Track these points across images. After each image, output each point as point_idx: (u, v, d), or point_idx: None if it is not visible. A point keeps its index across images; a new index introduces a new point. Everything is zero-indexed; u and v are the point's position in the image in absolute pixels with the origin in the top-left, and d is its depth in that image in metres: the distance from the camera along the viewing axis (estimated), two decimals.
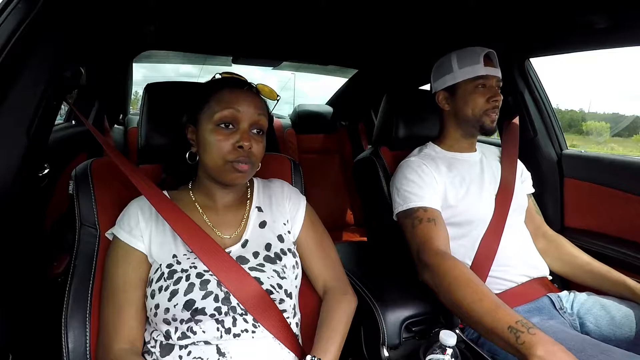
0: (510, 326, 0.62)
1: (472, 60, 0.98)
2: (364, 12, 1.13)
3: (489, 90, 0.98)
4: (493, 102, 0.97)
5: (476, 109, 0.99)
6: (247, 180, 0.81)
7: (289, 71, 3.06)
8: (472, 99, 0.99)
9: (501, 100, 0.99)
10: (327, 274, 0.80)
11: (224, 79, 0.74)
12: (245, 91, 0.71)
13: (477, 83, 0.98)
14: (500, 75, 1.00)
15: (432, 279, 0.78)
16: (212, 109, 0.68)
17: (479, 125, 1.00)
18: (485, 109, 0.98)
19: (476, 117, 0.99)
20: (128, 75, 2.08)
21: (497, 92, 0.98)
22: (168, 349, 0.63)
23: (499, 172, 1.05)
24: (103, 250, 0.73)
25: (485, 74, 0.97)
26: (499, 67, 1.00)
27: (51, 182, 1.23)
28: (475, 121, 1.00)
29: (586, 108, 6.84)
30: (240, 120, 0.68)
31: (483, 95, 0.98)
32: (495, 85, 0.99)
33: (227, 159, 0.67)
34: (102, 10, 1.07)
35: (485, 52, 0.98)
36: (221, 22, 1.26)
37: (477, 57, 0.98)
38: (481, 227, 0.95)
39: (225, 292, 0.63)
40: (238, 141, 0.66)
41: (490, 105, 0.98)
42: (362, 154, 1.25)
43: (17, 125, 0.74)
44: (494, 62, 1.00)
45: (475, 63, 0.98)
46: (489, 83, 0.98)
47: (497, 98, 0.97)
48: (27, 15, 0.72)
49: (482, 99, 0.98)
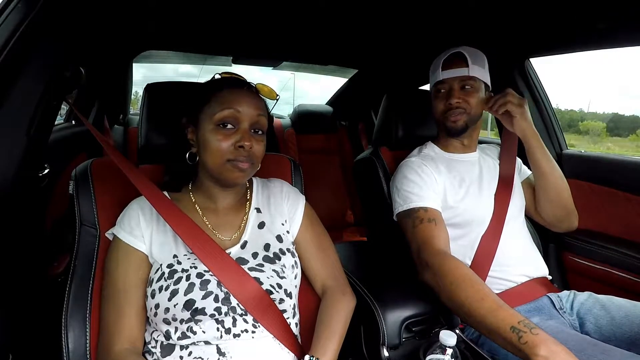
0: (513, 326, 0.62)
1: (435, 66, 1.03)
2: (364, 12, 1.13)
3: (447, 93, 1.00)
4: (448, 104, 0.99)
5: (437, 113, 1.03)
6: (247, 181, 0.81)
7: (289, 71, 3.06)
8: (434, 104, 1.04)
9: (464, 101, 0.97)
10: (326, 273, 0.80)
11: (223, 79, 0.74)
12: (245, 91, 0.71)
13: (436, 89, 1.03)
14: (470, 72, 0.97)
15: (433, 279, 0.78)
16: (212, 109, 0.68)
17: (444, 128, 1.03)
18: (443, 112, 1.01)
19: (440, 121, 1.03)
20: (128, 75, 2.08)
21: (454, 94, 0.98)
22: (169, 349, 0.63)
23: (497, 172, 1.05)
24: (103, 250, 0.73)
25: (442, 79, 1.00)
26: (468, 65, 0.97)
27: (51, 182, 1.23)
28: (441, 124, 1.04)
29: (586, 108, 6.85)
30: (240, 120, 0.68)
31: (441, 99, 1.01)
32: (457, 87, 0.98)
33: (227, 158, 0.67)
34: (102, 10, 1.07)
35: (447, 54, 1.00)
36: (221, 22, 1.26)
37: (438, 62, 1.02)
38: (480, 227, 0.95)
39: (225, 293, 0.63)
40: (238, 141, 0.66)
41: (446, 108, 0.99)
42: (362, 154, 1.25)
43: (17, 125, 0.74)
44: (459, 62, 0.98)
45: (435, 69, 1.03)
46: (447, 87, 1.00)
47: (451, 100, 0.98)
48: (26, 16, 0.72)
49: (441, 104, 1.01)
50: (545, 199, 1.03)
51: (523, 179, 1.11)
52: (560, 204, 1.02)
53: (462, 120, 0.99)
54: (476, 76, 0.98)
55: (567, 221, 1.05)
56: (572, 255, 1.27)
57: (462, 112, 0.99)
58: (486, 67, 1.02)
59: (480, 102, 1.00)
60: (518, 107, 0.97)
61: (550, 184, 1.01)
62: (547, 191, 1.02)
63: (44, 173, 1.16)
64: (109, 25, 1.28)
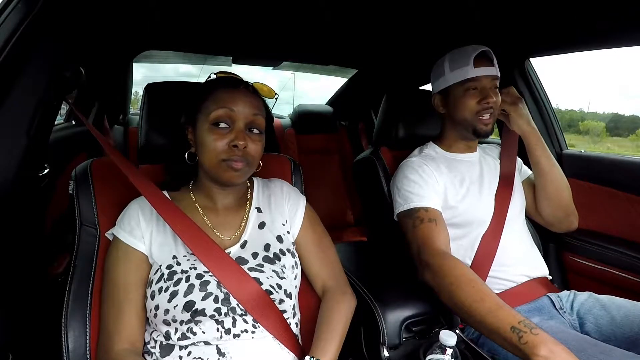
0: (513, 326, 0.62)
1: (462, 62, 0.95)
2: (363, 12, 1.13)
3: (481, 92, 0.95)
4: (484, 104, 0.94)
5: (467, 112, 0.96)
6: (247, 181, 0.81)
7: (289, 71, 3.05)
8: (463, 102, 0.96)
9: (496, 101, 0.96)
10: (326, 273, 0.80)
11: (219, 79, 0.74)
12: (241, 90, 0.71)
13: (467, 86, 0.95)
14: (497, 72, 0.97)
15: (433, 278, 0.78)
16: (208, 108, 0.68)
17: (472, 129, 0.98)
18: (476, 111, 0.95)
19: (468, 121, 0.97)
20: (128, 75, 2.08)
21: (489, 93, 0.94)
22: (168, 349, 0.63)
23: (497, 172, 1.05)
24: (103, 250, 0.73)
25: (475, 76, 0.94)
26: (494, 65, 0.96)
27: (51, 182, 1.23)
28: (468, 125, 0.98)
29: (586, 108, 6.86)
30: (235, 120, 0.68)
31: (474, 98, 0.95)
32: (489, 86, 0.95)
33: (221, 157, 0.67)
34: (102, 10, 1.07)
35: (477, 51, 0.94)
36: (221, 22, 1.26)
37: (467, 59, 0.94)
38: (481, 227, 0.95)
39: (225, 293, 0.63)
40: (232, 140, 0.66)
41: (482, 107, 0.94)
42: (362, 154, 1.25)
43: (17, 125, 0.74)
44: (490, 59, 0.96)
45: (464, 65, 0.94)
46: (480, 85, 0.95)
47: (488, 100, 0.93)
48: (27, 16, 0.72)
49: (473, 102, 0.95)
50: (544, 198, 1.03)
51: (523, 179, 1.10)
52: (561, 203, 1.01)
53: (492, 123, 0.98)
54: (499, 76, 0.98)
55: (566, 221, 1.05)
56: (572, 255, 1.27)
57: (492, 113, 0.96)
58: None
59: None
60: (512, 105, 0.98)
61: (549, 182, 1.00)
62: (546, 190, 1.01)
63: (44, 173, 1.16)
64: (109, 25, 1.28)
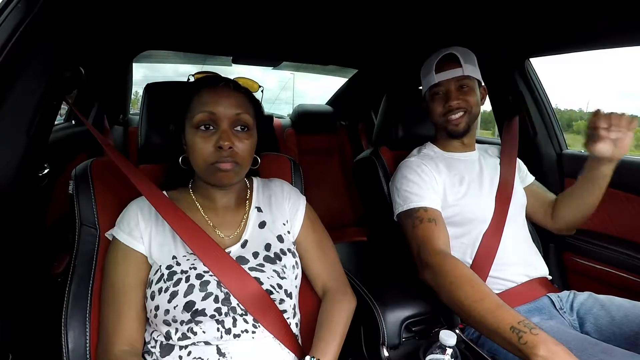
0: (513, 326, 0.62)
1: (427, 69, 1.02)
2: (364, 12, 1.13)
3: (444, 95, 0.99)
4: (448, 107, 0.98)
5: (435, 116, 1.02)
6: (247, 180, 0.81)
7: (289, 71, 3.06)
8: (432, 107, 1.03)
9: (463, 100, 0.97)
10: (327, 274, 0.80)
11: (197, 81, 0.74)
12: (222, 89, 0.69)
13: (432, 92, 1.02)
14: (464, 72, 0.97)
15: (433, 278, 0.78)
16: (192, 112, 0.68)
17: (445, 131, 1.02)
18: (443, 114, 1.00)
19: (440, 124, 1.03)
20: (128, 75, 2.08)
21: (452, 95, 0.97)
22: (168, 349, 0.63)
23: (498, 171, 1.05)
24: (103, 251, 0.73)
25: (437, 82, 0.99)
26: (462, 65, 0.97)
27: (51, 182, 1.23)
28: (441, 127, 1.03)
29: (585, 108, 6.82)
30: (218, 121, 0.67)
31: (439, 102, 1.00)
32: (453, 88, 0.98)
33: (208, 161, 0.66)
34: (102, 10, 1.07)
35: (440, 56, 0.99)
36: (221, 22, 1.26)
37: (431, 67, 1.01)
38: (481, 226, 0.95)
39: (225, 293, 0.63)
40: (217, 142, 0.66)
41: (446, 110, 0.99)
42: (362, 154, 1.25)
43: (17, 125, 0.74)
44: (457, 60, 0.97)
45: (428, 73, 1.01)
46: (443, 89, 0.99)
47: (450, 103, 0.97)
48: (26, 16, 0.72)
49: (439, 106, 1.00)
50: (572, 207, 1.01)
51: (526, 185, 1.10)
52: (585, 216, 1.01)
53: (464, 122, 0.99)
54: (470, 75, 0.98)
55: (574, 229, 1.07)
56: (572, 255, 1.27)
57: (462, 112, 0.99)
58: (476, 64, 1.02)
59: (478, 100, 1.01)
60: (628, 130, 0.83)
61: (596, 197, 0.96)
62: (586, 202, 0.97)
63: (44, 173, 1.16)
64: (109, 26, 1.28)
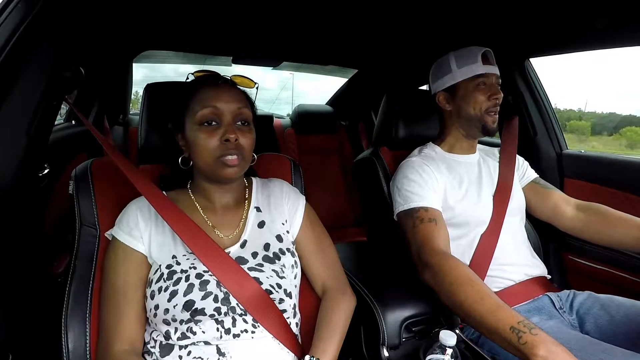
0: (512, 326, 0.62)
1: (470, 59, 0.99)
2: (363, 12, 1.13)
3: (490, 88, 0.99)
4: (494, 99, 0.98)
5: (477, 107, 0.99)
6: (245, 180, 0.81)
7: (289, 71, 3.05)
8: (474, 97, 0.99)
9: (501, 98, 1.00)
10: (326, 273, 0.80)
11: (198, 79, 0.74)
12: (221, 86, 0.71)
13: (477, 82, 0.99)
14: (499, 72, 1.01)
15: (433, 278, 0.78)
16: (193, 110, 0.68)
17: (481, 124, 1.00)
18: (487, 107, 0.98)
19: (478, 116, 0.99)
20: (128, 76, 2.08)
21: (497, 89, 0.99)
22: (168, 349, 0.63)
23: (497, 173, 1.05)
24: (103, 251, 0.73)
25: (485, 72, 0.98)
26: (496, 65, 1.01)
27: (51, 182, 1.23)
28: (477, 120, 1.00)
29: (584, 108, 6.86)
30: (222, 116, 0.68)
31: (484, 93, 0.98)
32: (495, 83, 1.00)
33: (215, 155, 0.67)
34: (102, 10, 1.07)
35: (483, 50, 0.99)
36: (221, 22, 1.26)
37: (475, 56, 0.98)
38: (479, 228, 0.95)
39: (225, 293, 0.63)
40: (224, 135, 0.66)
41: (492, 103, 0.98)
42: (362, 154, 1.25)
43: (17, 125, 0.74)
44: (491, 60, 1.01)
45: (473, 62, 0.98)
46: (489, 81, 0.99)
47: (497, 95, 0.98)
48: (27, 16, 0.72)
49: (484, 97, 0.98)
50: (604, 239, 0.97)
51: (528, 182, 1.10)
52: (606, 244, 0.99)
53: (497, 122, 1.01)
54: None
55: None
56: (572, 255, 1.27)
57: (498, 110, 1.00)
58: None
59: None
60: None
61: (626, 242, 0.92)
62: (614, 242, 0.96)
63: (44, 173, 1.16)
64: (109, 26, 1.28)
